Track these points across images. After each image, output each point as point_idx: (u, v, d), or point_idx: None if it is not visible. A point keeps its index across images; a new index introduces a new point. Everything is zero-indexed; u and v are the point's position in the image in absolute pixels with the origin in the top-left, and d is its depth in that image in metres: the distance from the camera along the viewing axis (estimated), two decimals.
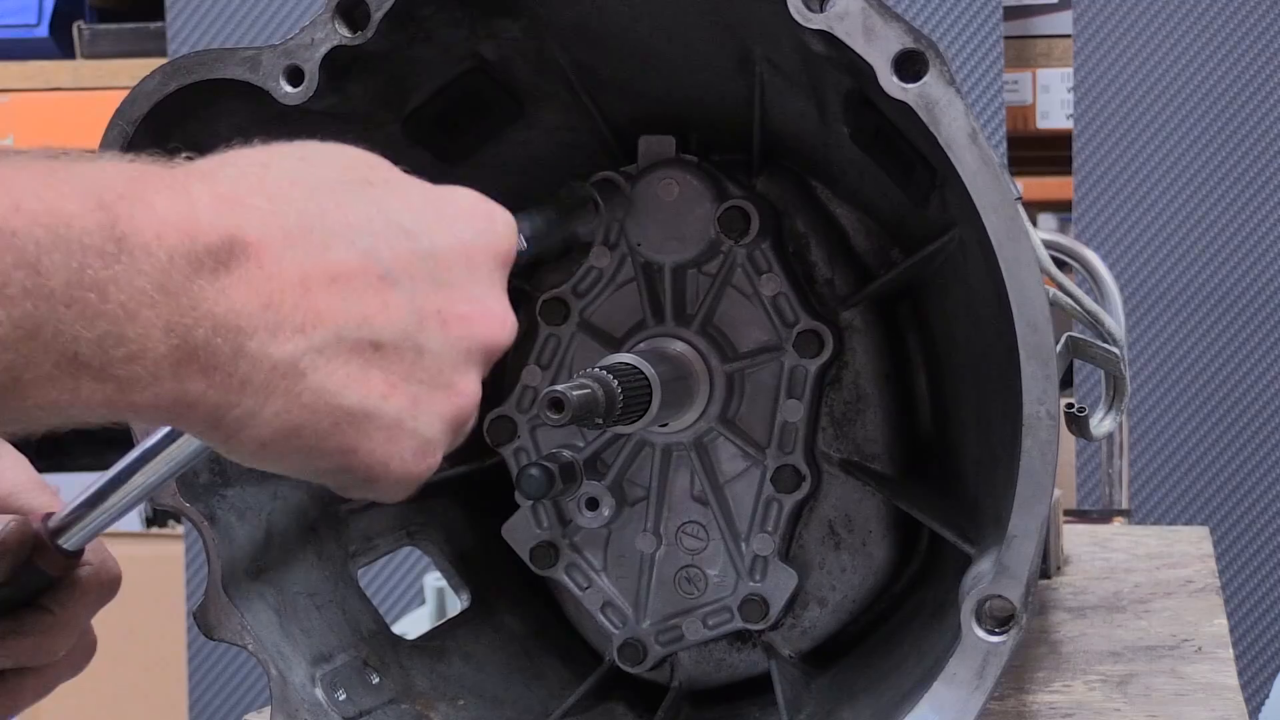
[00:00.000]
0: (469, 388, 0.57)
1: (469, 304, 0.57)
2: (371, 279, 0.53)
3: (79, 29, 2.59)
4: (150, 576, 2.50)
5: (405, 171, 0.59)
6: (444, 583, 2.00)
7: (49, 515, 0.66)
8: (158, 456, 0.63)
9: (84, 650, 0.68)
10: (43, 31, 2.61)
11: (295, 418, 0.52)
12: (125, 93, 0.81)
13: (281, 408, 0.51)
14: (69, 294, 0.48)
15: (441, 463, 0.99)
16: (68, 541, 0.64)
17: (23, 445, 0.67)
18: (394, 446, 0.55)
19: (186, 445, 0.62)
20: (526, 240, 0.63)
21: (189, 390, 0.50)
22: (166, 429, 0.62)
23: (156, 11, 2.49)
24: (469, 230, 0.58)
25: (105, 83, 2.52)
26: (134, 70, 2.51)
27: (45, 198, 0.48)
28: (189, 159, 0.54)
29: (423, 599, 2.00)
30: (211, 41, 2.44)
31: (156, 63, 2.98)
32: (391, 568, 2.22)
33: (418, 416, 0.55)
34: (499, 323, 0.58)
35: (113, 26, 2.59)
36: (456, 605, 1.14)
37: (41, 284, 0.47)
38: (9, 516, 0.67)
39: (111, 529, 0.66)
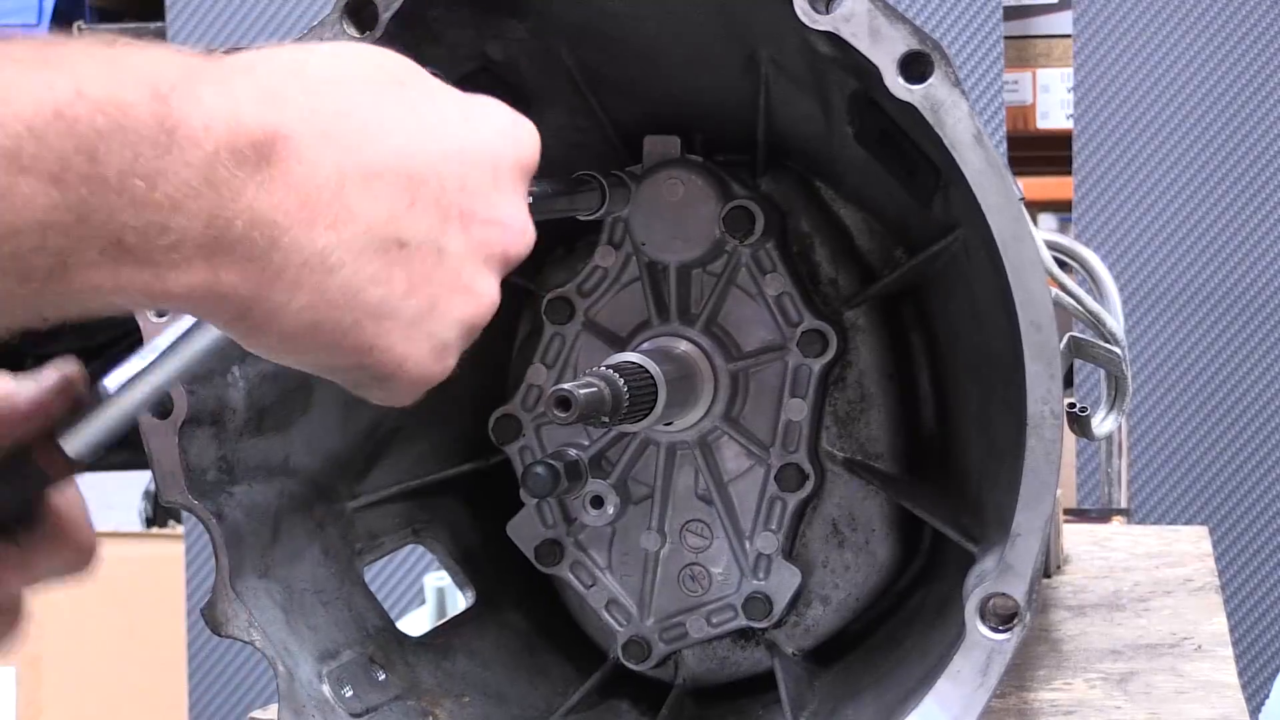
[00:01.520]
0: (486, 291, 0.58)
1: (491, 209, 0.57)
2: (401, 178, 0.54)
3: (79, 29, 2.59)
4: (150, 576, 2.51)
5: (434, 75, 0.59)
6: (444, 582, 2.02)
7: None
8: (168, 355, 0.60)
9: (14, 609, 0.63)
10: (43, 31, 2.61)
11: (321, 312, 0.53)
12: None
13: (308, 302, 0.52)
14: (121, 182, 0.48)
15: (446, 461, 1.00)
16: (71, 445, 0.60)
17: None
18: (411, 345, 0.55)
19: (198, 342, 0.60)
20: (532, 196, 0.63)
21: (223, 280, 0.51)
22: (176, 328, 0.60)
23: (156, 11, 2.49)
24: (496, 137, 0.59)
25: None
26: None
27: (107, 85, 0.48)
28: (228, 52, 0.55)
29: (423, 599, 2.00)
30: (212, 42, 2.44)
31: None
32: (392, 568, 2.22)
33: (435, 317, 0.56)
34: (519, 230, 0.59)
35: (113, 26, 2.60)
36: (457, 605, 1.15)
37: (97, 171, 0.48)
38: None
39: (112, 528, 0.64)
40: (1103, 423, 1.04)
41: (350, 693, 0.85)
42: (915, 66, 0.70)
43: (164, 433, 0.81)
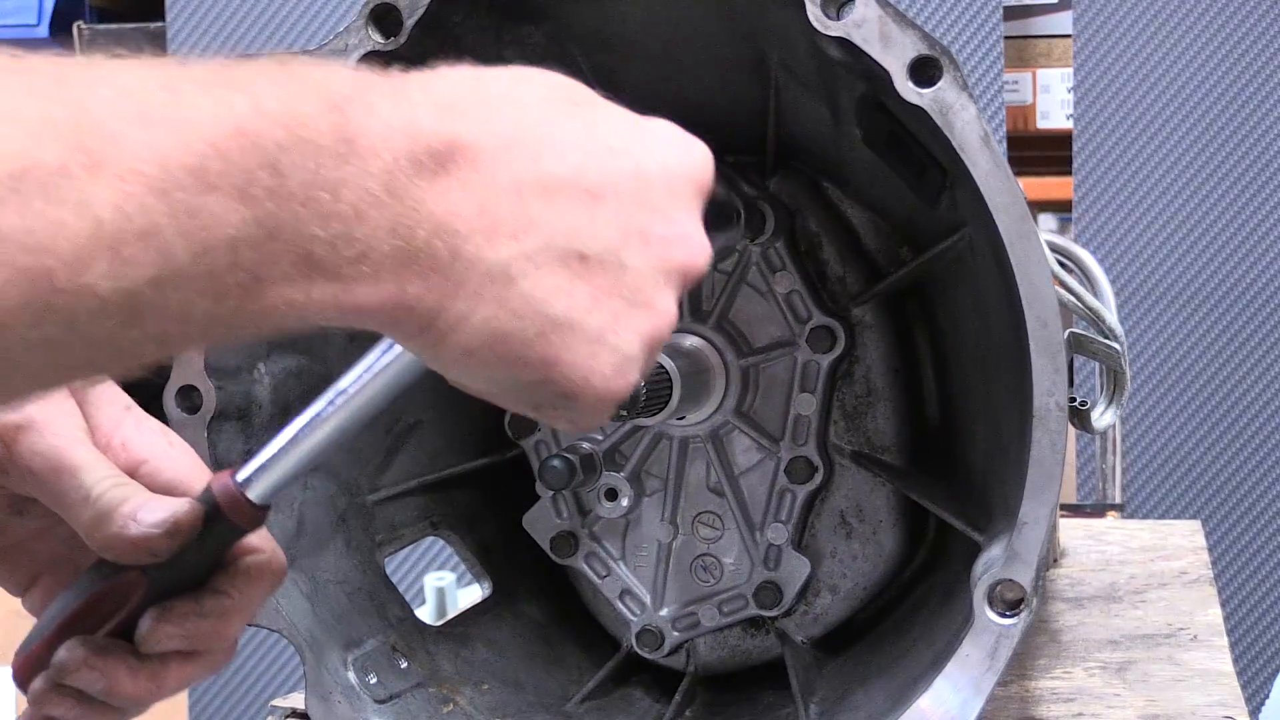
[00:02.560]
0: (667, 307, 0.57)
1: (669, 226, 0.57)
2: (580, 192, 0.54)
3: (79, 29, 2.58)
4: None
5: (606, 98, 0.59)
6: (444, 582, 2.04)
7: (235, 469, 0.63)
8: (347, 397, 0.61)
9: (230, 647, 0.66)
10: (43, 31, 2.61)
11: (504, 324, 0.52)
12: None
13: (491, 313, 0.52)
14: (305, 194, 0.49)
15: (463, 455, 1.02)
16: (255, 493, 0.61)
17: None
18: (595, 361, 0.55)
19: (374, 384, 0.60)
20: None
21: (408, 292, 0.51)
22: (352, 376, 0.61)
23: (156, 11, 2.49)
24: (671, 156, 0.59)
25: None
26: None
27: (283, 99, 0.49)
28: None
29: (423, 598, 2.02)
30: (212, 42, 2.44)
31: None
32: (392, 567, 2.23)
33: (618, 331, 0.55)
34: (697, 247, 0.58)
35: (113, 26, 2.59)
36: (457, 604, 1.16)
37: (282, 184, 0.48)
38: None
39: None
40: (1102, 416, 1.07)
41: (375, 680, 0.87)
42: (925, 71, 0.72)
43: (193, 427, 0.83)
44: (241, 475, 0.62)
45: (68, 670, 0.61)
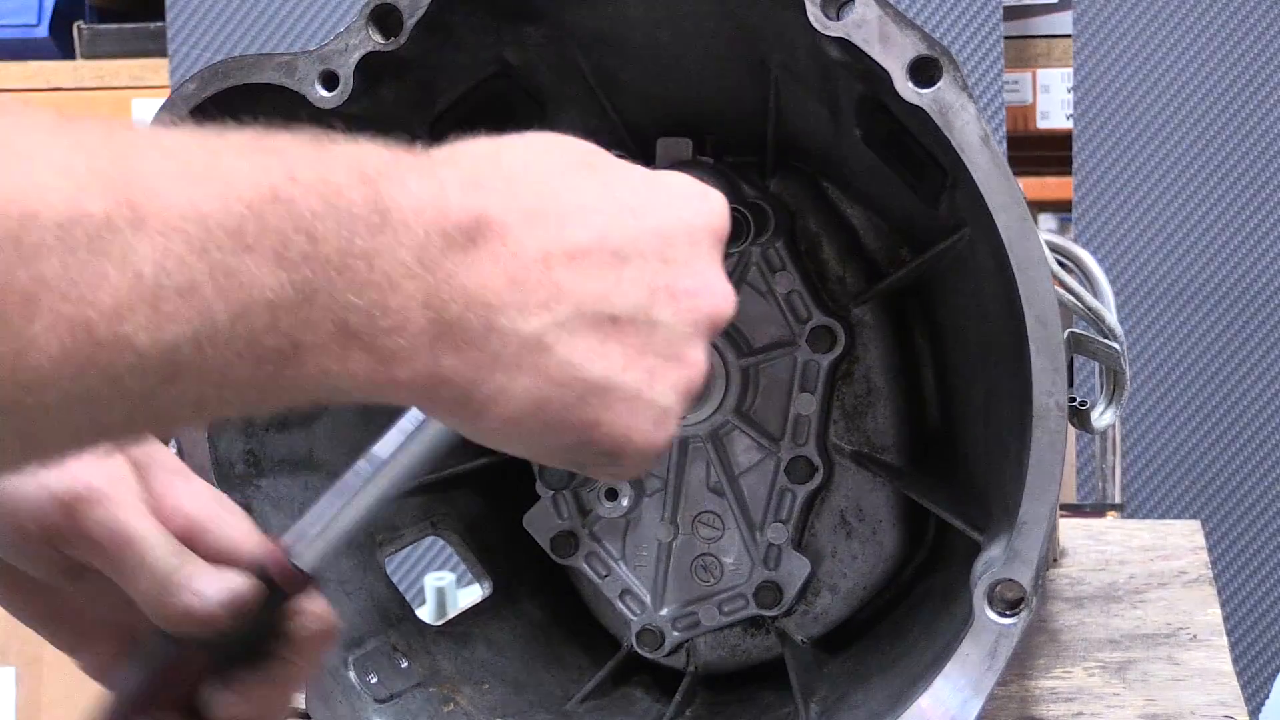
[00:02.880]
0: (698, 358, 0.59)
1: (694, 279, 0.58)
2: (606, 256, 0.55)
3: (79, 29, 2.58)
4: None
5: (619, 157, 0.61)
6: (443, 582, 2.04)
7: (281, 540, 0.64)
8: (389, 463, 0.63)
9: (289, 708, 0.67)
10: (43, 31, 2.60)
11: (543, 392, 0.53)
12: (125, 92, 0.83)
13: (530, 383, 0.53)
14: (341, 261, 0.50)
15: (463, 455, 1.02)
16: (305, 562, 0.63)
17: None
18: (635, 418, 0.56)
19: (416, 448, 0.62)
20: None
21: (443, 365, 0.52)
22: (396, 439, 0.62)
23: (156, 11, 2.49)
24: (689, 209, 0.60)
25: (105, 83, 2.52)
26: (134, 70, 2.51)
27: (317, 168, 0.50)
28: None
29: (423, 598, 2.02)
30: (211, 42, 2.44)
31: (157, 63, 2.92)
32: (392, 567, 2.23)
33: (654, 387, 0.57)
34: (723, 297, 0.60)
35: (113, 26, 2.59)
36: (457, 604, 1.16)
37: (317, 250, 0.49)
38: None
39: None
40: (1101, 416, 1.07)
41: (375, 679, 0.87)
42: (924, 71, 0.72)
43: (194, 427, 0.83)
44: (292, 547, 0.63)
45: None
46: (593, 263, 0.55)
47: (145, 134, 0.49)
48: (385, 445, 0.62)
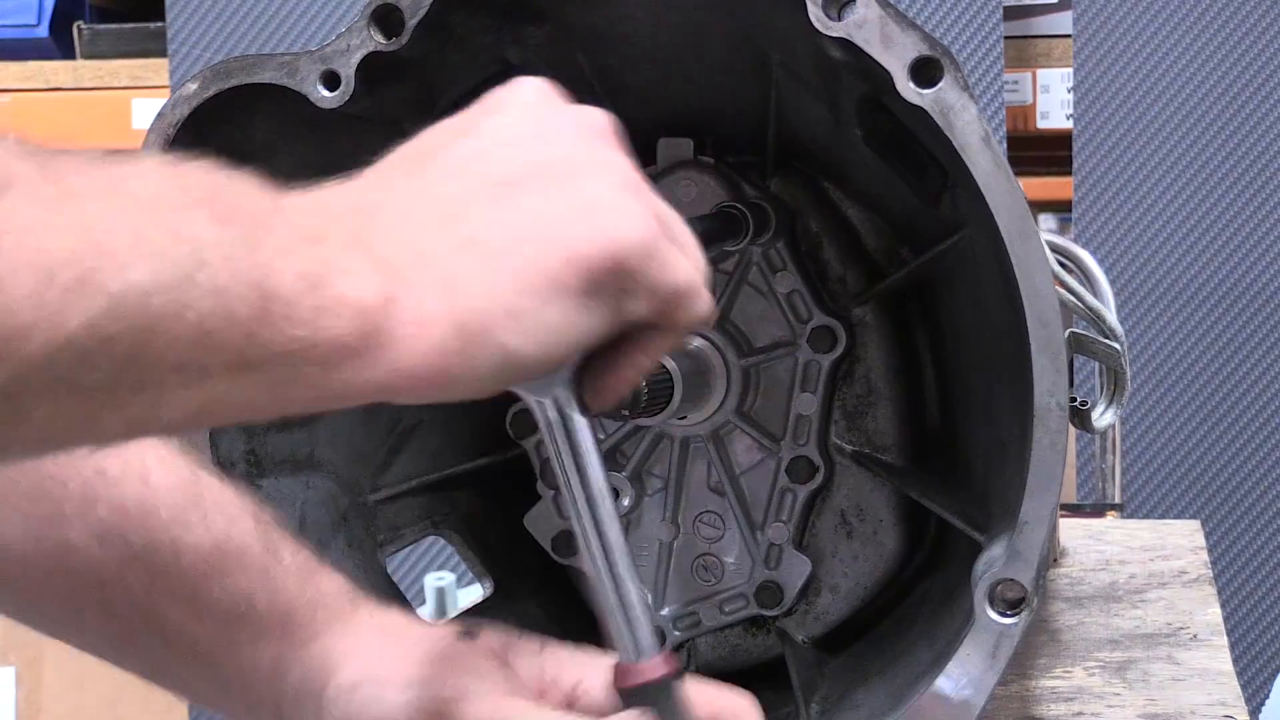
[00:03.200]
0: (610, 156, 0.56)
1: (561, 136, 0.56)
2: (488, 184, 0.53)
3: (79, 29, 2.58)
4: None
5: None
6: (444, 582, 2.04)
7: (628, 662, 0.64)
8: (598, 515, 0.62)
9: None
10: (43, 31, 2.60)
11: (464, 283, 0.51)
12: (125, 93, 0.83)
13: (443, 292, 0.51)
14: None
15: (464, 455, 1.02)
16: (655, 652, 0.63)
17: None
18: (597, 218, 0.53)
19: (589, 468, 0.60)
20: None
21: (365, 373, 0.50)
22: (585, 494, 0.61)
23: (156, 11, 2.49)
24: (566, 123, 0.57)
25: (105, 83, 2.51)
26: (134, 70, 2.51)
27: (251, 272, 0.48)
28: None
29: (423, 599, 2.02)
30: (211, 42, 2.44)
31: (157, 63, 2.92)
32: (392, 567, 2.22)
33: (584, 189, 0.54)
34: (597, 113, 0.58)
35: (113, 26, 2.59)
36: (457, 604, 1.16)
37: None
38: None
39: None
40: (1102, 416, 1.07)
41: None
42: (926, 71, 0.72)
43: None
44: (628, 652, 0.63)
45: None
46: (470, 188, 0.53)
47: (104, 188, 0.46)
48: (586, 500, 0.61)
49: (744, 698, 0.66)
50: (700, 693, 0.65)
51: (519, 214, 0.53)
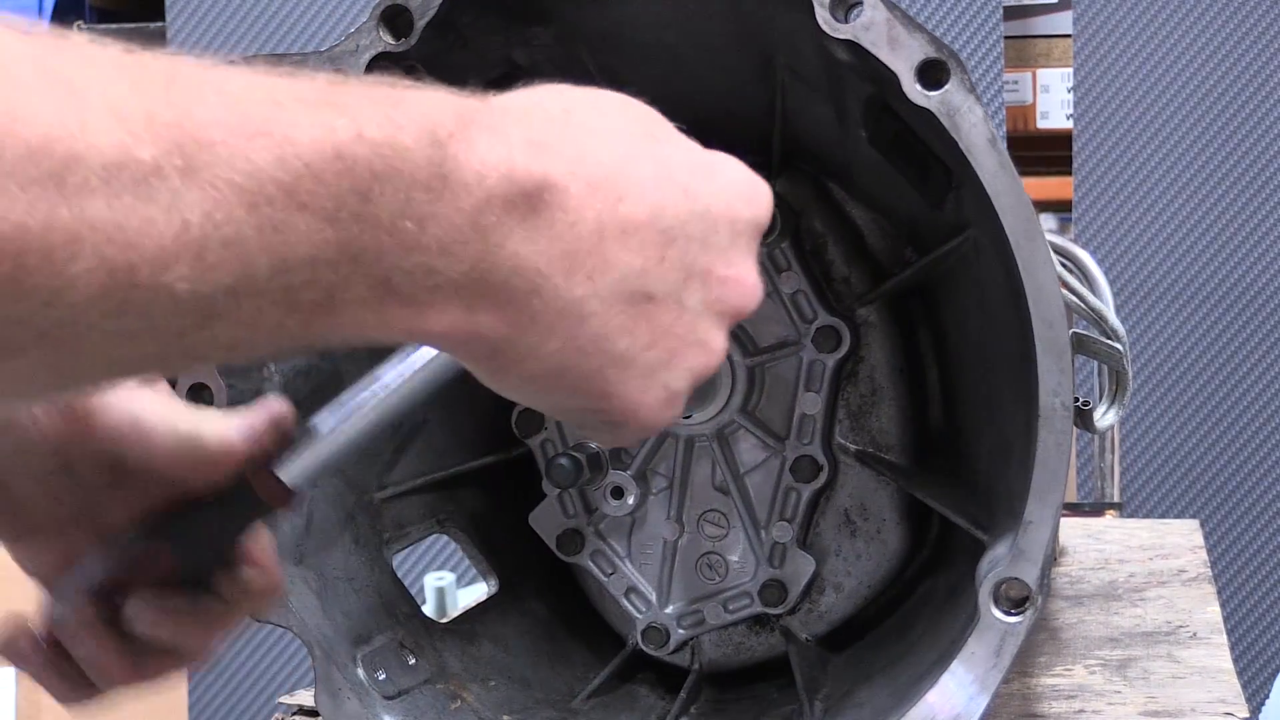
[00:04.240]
0: (718, 346, 0.59)
1: (729, 267, 0.59)
2: (655, 234, 0.56)
3: (79, 29, 2.59)
4: None
5: (679, 130, 0.61)
6: (444, 582, 2.04)
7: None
8: (384, 392, 0.61)
9: (209, 654, 0.66)
10: None
11: (569, 358, 0.54)
12: None
13: (559, 348, 0.54)
14: (393, 224, 0.49)
15: (470, 454, 1.03)
16: (287, 475, 0.61)
17: None
18: (646, 395, 0.57)
19: (414, 381, 0.61)
20: None
21: (480, 321, 0.52)
22: (402, 359, 0.61)
23: (156, 11, 2.50)
24: (737, 197, 0.60)
25: None
26: None
27: (385, 128, 0.49)
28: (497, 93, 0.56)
29: (424, 598, 2.03)
30: (212, 42, 2.44)
31: None
32: (393, 567, 2.22)
33: (671, 368, 0.57)
34: (752, 288, 0.60)
35: (113, 26, 2.59)
36: (457, 604, 1.16)
37: (370, 211, 0.49)
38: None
39: None
40: (1104, 416, 1.07)
41: (383, 676, 0.88)
42: (932, 73, 0.73)
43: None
44: (279, 460, 0.62)
45: (69, 628, 0.61)
46: (641, 240, 0.55)
47: (212, 76, 0.49)
48: (391, 373, 0.61)
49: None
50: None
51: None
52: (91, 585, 0.62)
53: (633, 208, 0.55)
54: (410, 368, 0.61)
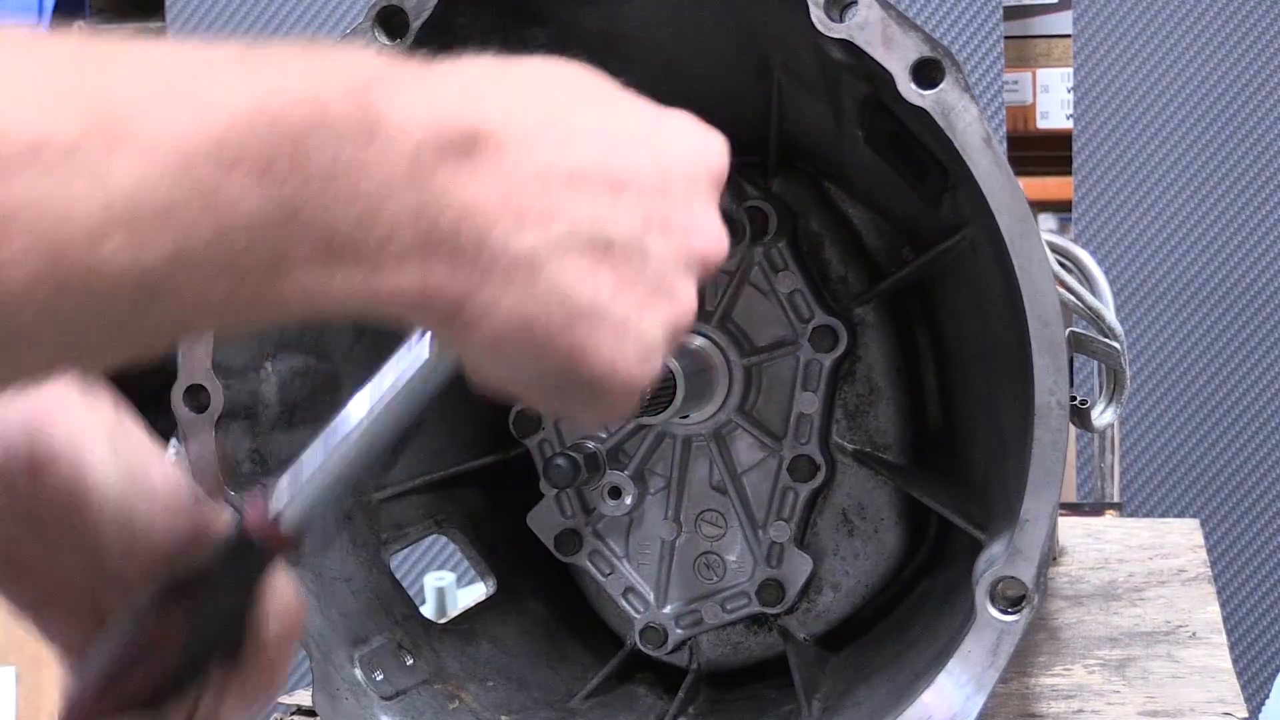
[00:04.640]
0: (687, 296, 0.57)
1: (689, 215, 0.57)
2: (605, 180, 0.54)
3: (79, 29, 2.60)
4: None
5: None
6: (444, 582, 2.04)
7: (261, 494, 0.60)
8: (377, 409, 0.58)
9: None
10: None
11: (530, 311, 0.52)
12: None
13: (518, 301, 0.52)
14: (327, 175, 0.48)
15: (467, 454, 1.03)
16: (283, 516, 0.58)
17: None
18: (621, 348, 0.55)
19: (408, 389, 0.58)
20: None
21: (432, 278, 0.51)
22: (393, 368, 0.59)
23: (156, 11, 2.50)
24: (691, 148, 0.59)
25: None
26: None
27: (305, 81, 0.49)
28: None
29: (423, 598, 2.03)
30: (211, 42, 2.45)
31: None
32: (392, 567, 2.23)
33: (643, 318, 0.55)
34: (715, 237, 0.59)
35: (113, 26, 2.60)
36: (456, 604, 1.16)
37: (303, 165, 0.48)
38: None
39: None
40: (1101, 415, 1.07)
41: (381, 676, 0.88)
42: (927, 72, 0.73)
43: (201, 426, 0.84)
44: (273, 504, 0.60)
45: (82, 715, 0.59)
46: (591, 186, 0.54)
47: (126, 49, 0.48)
48: (373, 391, 0.58)
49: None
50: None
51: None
52: (103, 664, 0.59)
53: (580, 154, 0.53)
54: (403, 378, 0.59)
